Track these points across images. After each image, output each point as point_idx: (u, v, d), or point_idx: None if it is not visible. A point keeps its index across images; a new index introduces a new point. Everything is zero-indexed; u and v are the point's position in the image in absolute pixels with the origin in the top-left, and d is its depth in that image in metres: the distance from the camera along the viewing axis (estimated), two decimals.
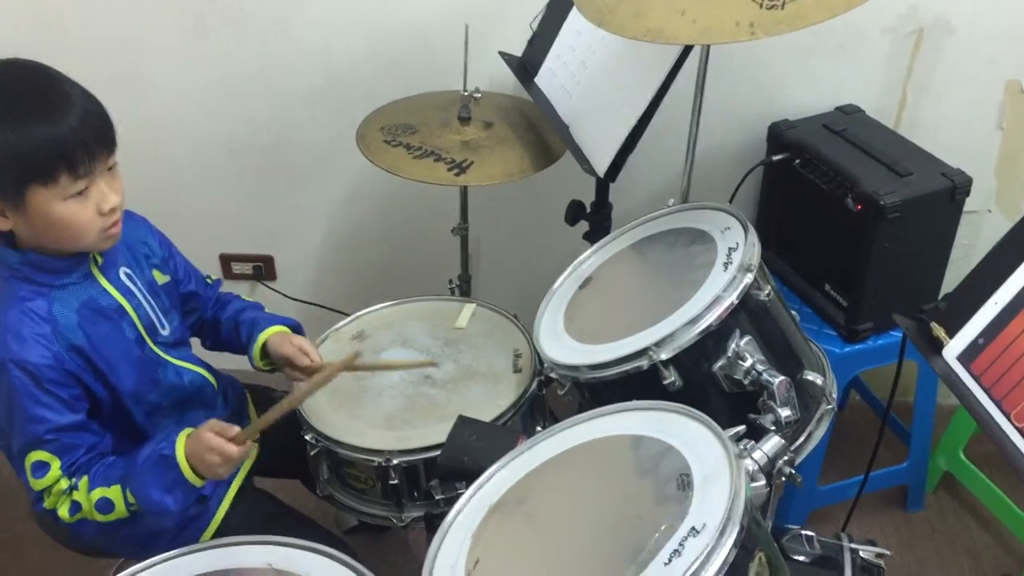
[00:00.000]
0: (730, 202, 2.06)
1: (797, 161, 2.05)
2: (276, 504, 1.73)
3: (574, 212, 1.98)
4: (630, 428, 1.21)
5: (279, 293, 2.59)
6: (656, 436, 1.17)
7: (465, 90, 1.89)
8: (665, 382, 1.33)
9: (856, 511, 1.87)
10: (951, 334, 1.28)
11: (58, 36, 2.20)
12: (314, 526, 1.69)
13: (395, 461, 1.55)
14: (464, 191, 2.04)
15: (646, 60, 1.62)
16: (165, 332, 1.56)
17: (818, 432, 1.44)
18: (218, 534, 1.60)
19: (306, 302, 2.56)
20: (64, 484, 1.40)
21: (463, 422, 1.47)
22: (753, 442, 1.20)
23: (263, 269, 2.57)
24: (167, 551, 1.39)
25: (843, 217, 1.93)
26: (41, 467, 1.39)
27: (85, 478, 1.40)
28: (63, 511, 1.41)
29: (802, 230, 2.13)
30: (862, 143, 2.01)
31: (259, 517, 1.65)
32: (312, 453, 1.65)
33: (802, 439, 1.43)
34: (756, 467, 1.17)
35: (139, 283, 1.53)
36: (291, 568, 1.36)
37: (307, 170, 2.41)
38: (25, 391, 1.35)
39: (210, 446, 1.38)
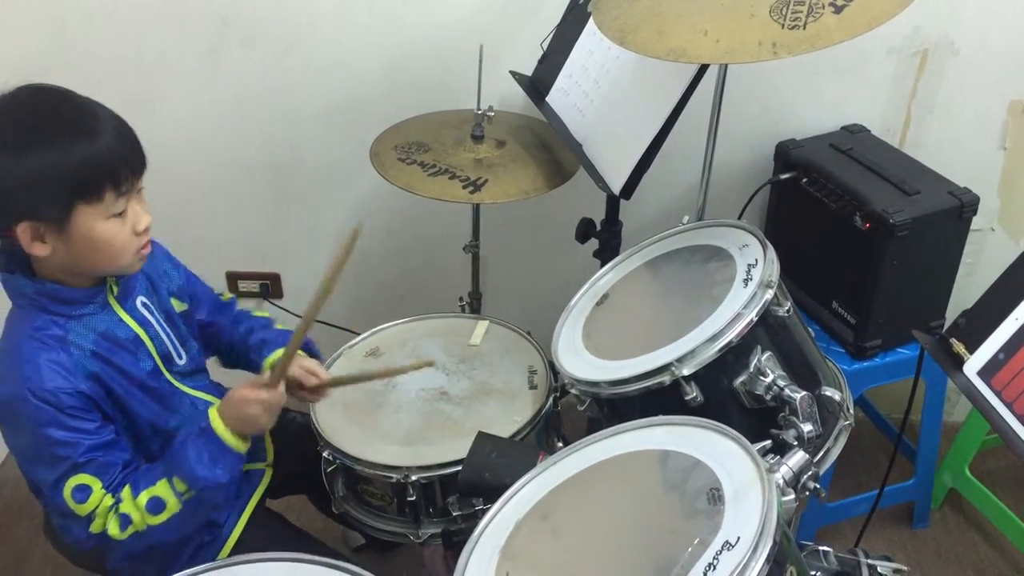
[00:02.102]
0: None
1: (804, 180, 2.08)
2: (288, 526, 1.72)
3: (585, 229, 1.99)
4: (657, 443, 1.22)
5: (286, 311, 2.59)
6: (683, 451, 1.17)
7: (479, 109, 1.90)
8: (687, 398, 1.34)
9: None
10: (971, 350, 1.30)
11: (72, 57, 2.20)
12: (327, 550, 1.68)
13: (413, 477, 1.55)
14: (477, 209, 2.05)
15: (661, 79, 1.64)
16: (182, 362, 1.55)
17: (836, 448, 1.45)
18: (231, 553, 1.59)
19: (329, 324, 2.56)
20: (108, 501, 1.38)
21: (483, 438, 1.47)
22: (779, 457, 1.20)
23: (270, 287, 2.57)
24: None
25: (851, 235, 1.95)
26: (82, 490, 1.37)
27: (127, 487, 1.39)
28: (113, 530, 1.38)
29: (809, 248, 2.15)
30: (869, 162, 2.04)
31: (273, 540, 1.64)
32: (328, 470, 1.65)
33: (821, 455, 1.44)
34: (784, 482, 1.17)
35: (156, 312, 1.52)
36: None
37: (317, 189, 2.42)
38: (50, 420, 1.33)
39: (247, 399, 1.41)
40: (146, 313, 1.50)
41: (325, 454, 1.62)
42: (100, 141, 1.31)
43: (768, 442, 1.22)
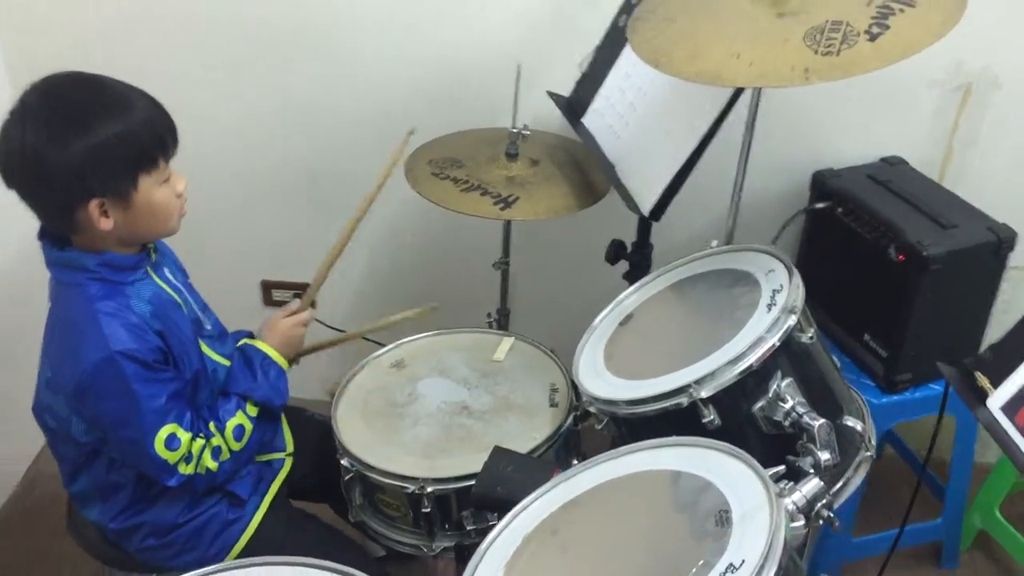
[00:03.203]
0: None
1: (840, 210, 2.06)
2: (311, 519, 1.75)
3: (615, 251, 1.99)
4: (669, 463, 1.21)
5: (318, 321, 2.60)
6: (695, 472, 1.16)
7: (514, 127, 1.91)
8: (704, 420, 1.33)
9: (890, 566, 1.84)
10: (995, 384, 1.27)
11: (102, 67, 2.25)
12: (350, 544, 1.71)
13: (429, 489, 1.55)
14: (508, 226, 2.06)
15: (696, 102, 1.64)
16: (208, 327, 1.64)
17: (856, 479, 1.43)
18: (253, 540, 1.65)
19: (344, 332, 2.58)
20: (200, 442, 1.51)
21: (499, 453, 1.47)
22: (792, 483, 1.19)
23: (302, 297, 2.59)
24: (207, 552, 1.58)
25: (885, 267, 1.92)
26: (172, 440, 1.47)
27: (211, 424, 1.55)
28: (209, 463, 1.53)
29: (842, 279, 2.13)
30: (907, 194, 2.01)
31: (294, 530, 1.70)
32: (346, 478, 1.66)
33: (840, 484, 1.42)
34: (795, 508, 1.16)
35: (180, 283, 1.61)
36: None
37: (351, 201, 2.42)
38: (138, 376, 1.43)
39: (290, 323, 1.73)
40: (175, 280, 1.60)
41: (344, 462, 1.63)
42: (142, 113, 1.42)
43: (782, 467, 1.20)
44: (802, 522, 1.10)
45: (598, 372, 1.51)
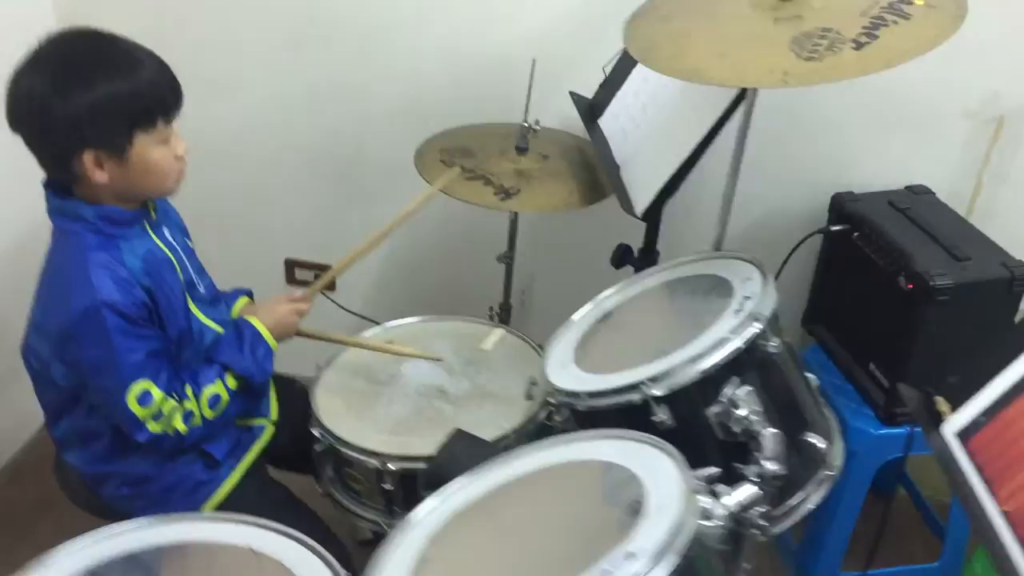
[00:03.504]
0: (781, 267, 2.04)
1: (856, 234, 2.02)
2: (286, 493, 1.77)
3: (621, 255, 1.98)
4: (603, 455, 1.20)
5: (337, 304, 2.64)
6: (624, 464, 1.16)
7: (525, 122, 1.92)
8: (655, 419, 1.32)
9: None
10: (955, 409, 1.23)
11: (169, 37, 2.32)
12: (317, 521, 1.72)
13: (391, 466, 1.57)
14: (514, 220, 2.07)
15: (699, 108, 1.63)
16: (201, 290, 1.68)
17: (816, 495, 1.41)
18: (224, 503, 1.67)
19: (360, 316, 2.61)
20: (172, 403, 1.53)
21: (459, 435, 1.48)
22: (727, 487, 1.17)
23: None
24: (177, 509, 1.52)
25: (895, 296, 1.88)
26: (146, 396, 1.51)
27: (188, 388, 1.56)
28: (178, 424, 1.55)
29: (854, 305, 2.08)
30: (925, 223, 1.96)
31: (267, 498, 1.72)
32: (319, 450, 1.68)
33: (798, 499, 1.39)
34: (725, 511, 1.14)
35: (177, 244, 1.64)
36: (269, 552, 1.38)
37: (377, 186, 2.48)
38: (119, 328, 1.46)
39: (289, 310, 1.73)
40: (173, 241, 1.63)
41: (315, 431, 1.66)
42: (148, 74, 1.46)
43: (717, 470, 1.18)
44: (720, 522, 1.07)
45: (565, 365, 1.51)
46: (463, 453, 1.42)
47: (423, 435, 1.62)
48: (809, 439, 1.40)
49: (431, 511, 1.24)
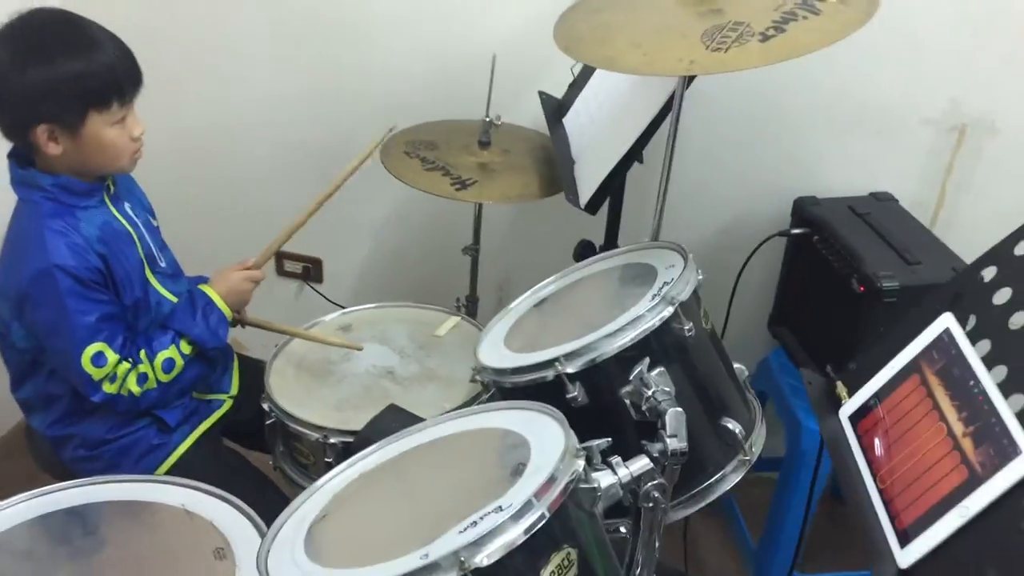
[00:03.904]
0: (742, 269, 2.08)
1: (816, 237, 2.05)
2: (239, 459, 1.85)
3: (583, 251, 2.03)
4: (505, 423, 1.25)
5: (324, 297, 2.72)
6: (519, 431, 1.20)
7: (487, 116, 1.98)
8: (567, 395, 1.36)
9: None
10: (851, 394, 1.27)
11: (175, 29, 2.42)
12: (270, 486, 1.79)
13: (332, 440, 1.62)
14: (479, 213, 2.13)
15: (642, 105, 1.68)
16: (163, 264, 1.76)
17: (733, 476, 1.44)
18: (176, 468, 1.75)
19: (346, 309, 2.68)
20: (126, 365, 1.61)
21: (391, 409, 1.54)
22: (620, 458, 1.21)
23: (311, 271, 2.72)
24: (131, 471, 1.65)
25: (848, 298, 1.91)
26: (99, 357, 1.58)
27: (142, 352, 1.63)
28: (132, 386, 1.62)
29: (813, 307, 2.12)
30: (882, 228, 1.99)
31: (219, 465, 1.79)
32: (268, 423, 1.74)
33: (713, 479, 1.43)
34: (615, 479, 1.18)
35: (139, 219, 1.72)
36: (200, 511, 1.45)
37: (365, 182, 2.53)
38: (71, 291, 1.55)
39: (242, 277, 1.79)
40: (134, 216, 1.72)
41: (264, 406, 1.72)
42: (108, 57, 1.54)
43: (608, 440, 1.21)
44: (595, 484, 1.12)
45: (494, 346, 1.56)
46: (390, 426, 1.47)
47: (367, 412, 1.66)
48: (727, 424, 1.43)
49: (340, 473, 1.29)
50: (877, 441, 1.17)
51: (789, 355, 2.19)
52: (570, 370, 1.36)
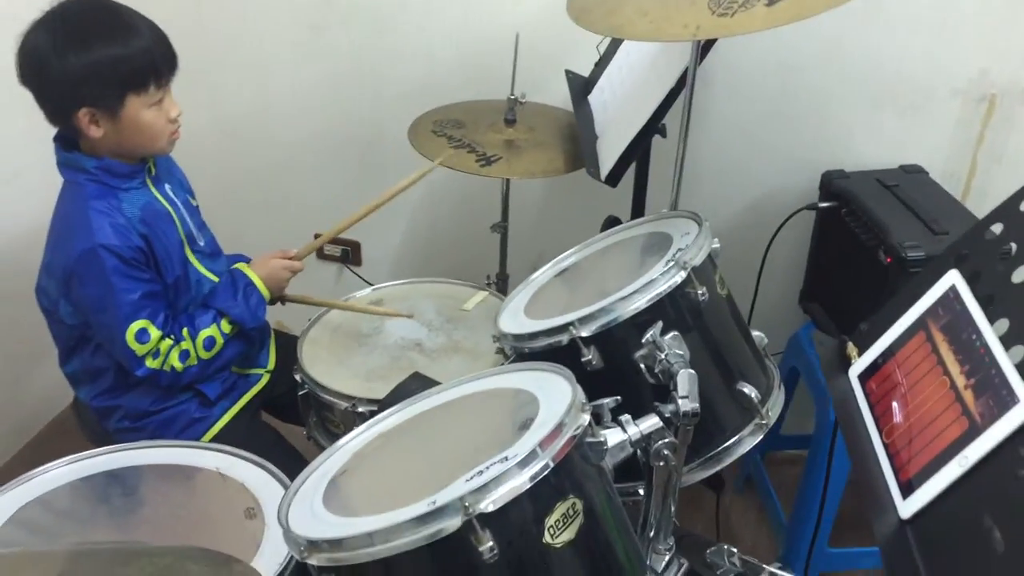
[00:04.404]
0: (770, 243, 2.09)
1: (844, 211, 2.05)
2: (276, 435, 1.91)
3: (610, 226, 2.05)
4: (518, 383, 1.29)
5: (362, 279, 2.78)
6: (530, 389, 1.24)
7: (512, 94, 2.02)
8: (583, 359, 1.39)
9: None
10: (861, 354, 1.28)
11: (206, 20, 2.50)
12: (300, 460, 1.84)
13: (360, 408, 1.67)
14: (506, 192, 2.16)
15: (660, 78, 1.70)
16: (202, 243, 1.82)
17: (749, 440, 1.46)
18: (217, 439, 1.81)
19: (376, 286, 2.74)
20: (169, 341, 1.69)
21: (415, 377, 1.57)
22: (629, 416, 1.24)
23: (350, 254, 2.77)
24: None
25: (875, 270, 1.91)
26: (143, 334, 1.66)
27: (185, 330, 1.71)
28: (175, 362, 1.70)
29: (842, 280, 2.11)
30: (910, 200, 1.99)
31: (256, 437, 1.85)
32: (301, 393, 1.80)
33: (730, 442, 1.45)
34: (625, 436, 1.21)
35: (179, 200, 1.79)
36: (233, 474, 1.51)
37: (398, 165, 2.58)
38: (116, 269, 1.63)
39: (282, 265, 1.85)
40: (174, 197, 1.79)
41: (297, 377, 1.78)
42: (144, 42, 1.61)
43: (617, 398, 1.24)
44: (602, 438, 1.15)
45: (514, 314, 1.59)
46: (412, 392, 1.51)
47: (394, 382, 1.71)
48: (743, 389, 1.45)
49: (361, 433, 1.33)
50: (883, 398, 1.19)
51: (821, 330, 2.18)
52: (584, 334, 1.39)
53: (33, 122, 1.65)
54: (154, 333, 1.66)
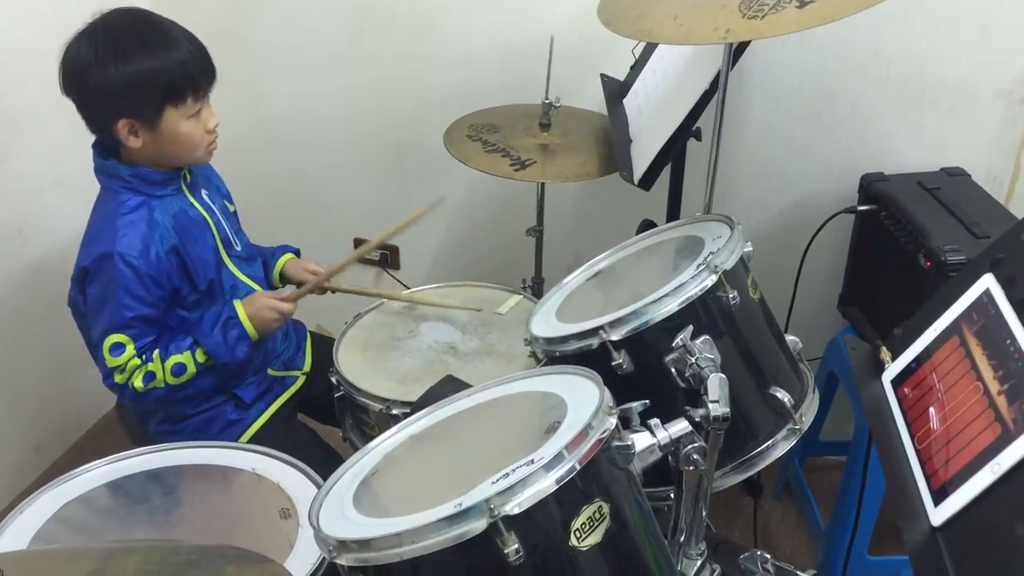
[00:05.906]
0: (808, 246, 2.07)
1: (883, 214, 2.03)
2: (312, 435, 1.93)
3: (644, 230, 2.05)
4: (547, 386, 1.29)
5: (400, 283, 2.80)
6: (559, 393, 1.24)
7: (546, 99, 2.02)
8: (613, 363, 1.39)
9: None
10: (895, 359, 1.27)
11: (247, 27, 2.54)
12: (336, 459, 1.86)
13: (395, 411, 1.69)
14: (541, 196, 2.17)
15: (693, 82, 1.70)
16: (238, 248, 1.84)
17: (783, 444, 1.45)
18: (253, 441, 1.82)
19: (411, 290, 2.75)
20: (136, 362, 1.67)
21: (448, 380, 1.58)
22: (659, 420, 1.24)
23: (389, 257, 2.80)
24: None
25: (915, 274, 1.89)
26: (118, 347, 1.66)
27: (156, 352, 1.68)
28: (137, 382, 1.68)
29: (882, 285, 2.09)
30: (951, 203, 1.96)
31: (292, 438, 1.86)
32: (337, 395, 1.82)
33: (764, 447, 1.45)
34: (654, 440, 1.21)
35: (215, 206, 1.81)
36: (269, 475, 1.54)
37: (436, 169, 2.61)
38: (123, 281, 1.64)
39: (268, 305, 1.76)
40: (210, 203, 1.80)
41: (333, 379, 1.80)
42: (182, 54, 1.63)
43: (646, 402, 1.24)
44: (629, 443, 1.15)
45: (546, 317, 1.60)
46: (445, 394, 1.52)
47: (428, 385, 1.73)
48: (776, 394, 1.44)
49: (393, 435, 1.35)
50: (916, 403, 1.17)
51: (860, 335, 2.16)
52: (615, 338, 1.39)
53: (77, 129, 1.69)
54: (129, 350, 1.66)
